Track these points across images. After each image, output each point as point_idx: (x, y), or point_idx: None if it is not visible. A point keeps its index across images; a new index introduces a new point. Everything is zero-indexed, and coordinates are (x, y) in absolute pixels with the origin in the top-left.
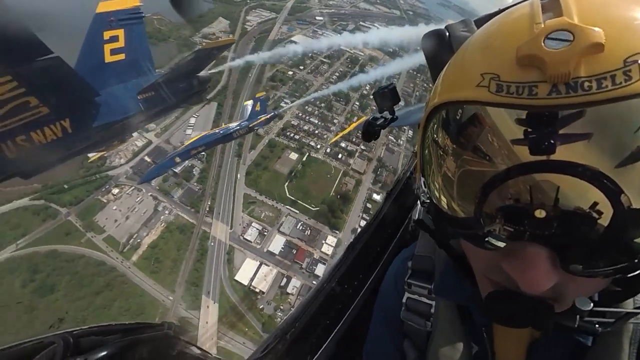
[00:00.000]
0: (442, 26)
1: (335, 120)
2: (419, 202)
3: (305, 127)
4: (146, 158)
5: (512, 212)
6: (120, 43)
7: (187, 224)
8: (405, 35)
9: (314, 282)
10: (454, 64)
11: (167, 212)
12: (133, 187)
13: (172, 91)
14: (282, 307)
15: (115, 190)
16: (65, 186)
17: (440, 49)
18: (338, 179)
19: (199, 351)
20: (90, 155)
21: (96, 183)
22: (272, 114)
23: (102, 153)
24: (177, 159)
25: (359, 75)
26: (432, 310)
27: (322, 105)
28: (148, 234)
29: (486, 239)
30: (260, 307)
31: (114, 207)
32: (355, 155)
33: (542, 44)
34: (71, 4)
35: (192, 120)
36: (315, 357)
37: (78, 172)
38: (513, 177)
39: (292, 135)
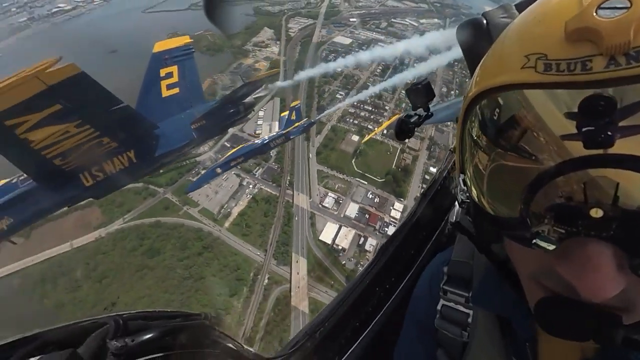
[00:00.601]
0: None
1: (386, 107)
2: (456, 203)
3: (362, 114)
4: (226, 144)
5: (564, 211)
6: (175, 78)
7: (271, 196)
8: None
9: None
10: (493, 52)
11: (251, 186)
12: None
13: (220, 118)
14: (361, 263)
15: (204, 172)
16: (161, 170)
17: (478, 39)
18: (397, 155)
19: (232, 342)
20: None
21: (186, 167)
22: (309, 122)
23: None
24: (218, 170)
25: (401, 69)
26: (470, 320)
27: (372, 94)
28: (236, 204)
29: (534, 241)
30: (343, 262)
31: (205, 185)
32: None
33: (594, 14)
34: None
35: (261, 113)
36: (344, 358)
37: None
38: (565, 173)
39: (351, 120)
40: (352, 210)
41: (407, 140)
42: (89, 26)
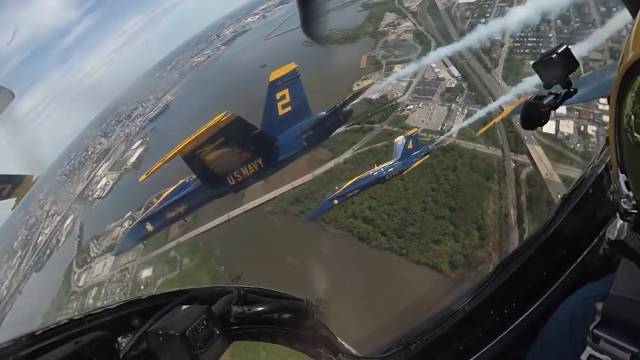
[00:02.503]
0: None
1: (550, 35)
2: (617, 213)
3: (529, 44)
4: (419, 87)
5: None
6: (287, 99)
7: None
8: None
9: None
10: None
11: (459, 109)
12: (421, 103)
13: (324, 127)
14: (589, 145)
15: (410, 106)
16: (368, 114)
17: None
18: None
19: (328, 333)
20: None
21: (391, 108)
22: (426, 149)
23: None
24: (335, 201)
25: None
26: None
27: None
28: (453, 123)
29: None
30: (571, 146)
31: (416, 115)
32: None
33: None
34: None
35: (434, 65)
36: None
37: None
38: None
39: (520, 51)
40: (560, 110)
41: None
42: (227, 63)
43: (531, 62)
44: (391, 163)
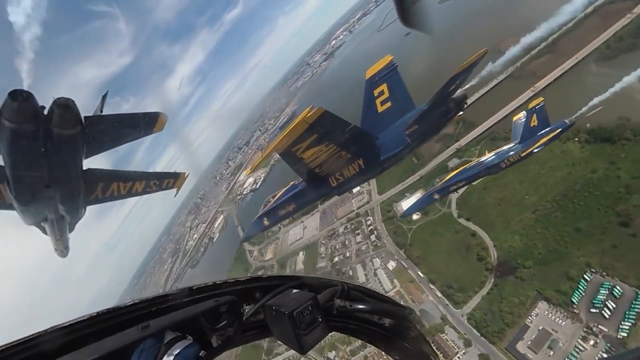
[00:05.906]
0: None
1: None
2: None
3: None
4: None
5: None
6: (386, 94)
7: None
8: None
9: None
10: None
11: None
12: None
13: (431, 120)
14: None
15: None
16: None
17: None
18: None
19: (428, 349)
20: None
21: None
22: (563, 124)
23: None
24: (436, 195)
25: None
26: None
27: None
28: None
29: None
30: None
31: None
32: None
33: None
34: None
35: None
36: None
37: None
38: None
39: None
40: None
41: None
42: (339, 68)
43: None
44: (509, 147)
